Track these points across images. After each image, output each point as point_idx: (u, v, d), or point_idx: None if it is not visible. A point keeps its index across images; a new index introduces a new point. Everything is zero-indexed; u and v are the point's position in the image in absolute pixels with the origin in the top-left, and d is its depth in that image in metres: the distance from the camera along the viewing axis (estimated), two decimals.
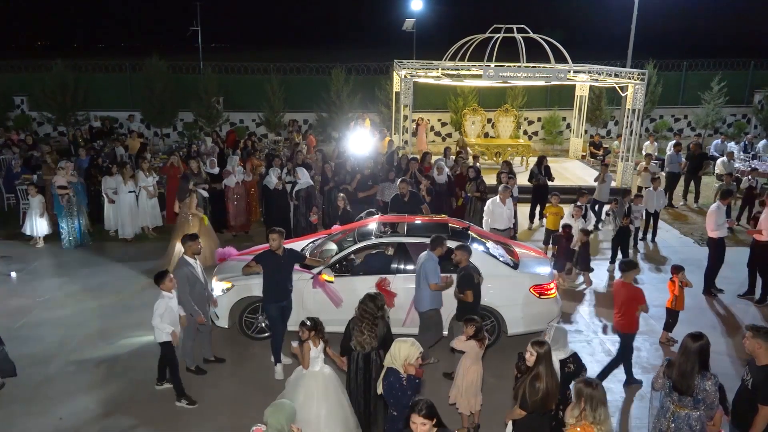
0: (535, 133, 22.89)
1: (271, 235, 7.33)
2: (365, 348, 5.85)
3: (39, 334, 8.50)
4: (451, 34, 20.97)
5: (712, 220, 9.85)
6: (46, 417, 6.68)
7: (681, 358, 5.11)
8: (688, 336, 5.19)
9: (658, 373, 5.37)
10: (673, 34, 67.92)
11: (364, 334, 5.84)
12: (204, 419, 6.71)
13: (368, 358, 5.89)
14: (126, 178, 12.10)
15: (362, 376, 5.92)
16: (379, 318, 5.91)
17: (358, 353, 5.89)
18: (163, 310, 6.74)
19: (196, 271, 7.25)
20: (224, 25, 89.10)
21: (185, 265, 7.17)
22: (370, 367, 5.89)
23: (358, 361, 5.92)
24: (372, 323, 5.87)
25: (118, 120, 21.33)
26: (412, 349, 5.17)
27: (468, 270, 7.16)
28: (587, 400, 4.48)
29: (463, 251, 7.25)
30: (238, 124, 22.29)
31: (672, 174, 15.10)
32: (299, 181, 11.71)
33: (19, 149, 15.45)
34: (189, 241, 7.36)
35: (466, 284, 7.08)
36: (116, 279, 10.55)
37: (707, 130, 22.07)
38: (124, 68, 23.12)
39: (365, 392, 5.94)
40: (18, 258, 11.32)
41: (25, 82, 22.00)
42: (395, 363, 5.21)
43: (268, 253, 7.39)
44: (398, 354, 5.18)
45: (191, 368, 7.54)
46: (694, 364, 5.04)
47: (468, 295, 7.06)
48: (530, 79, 16.02)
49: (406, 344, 5.19)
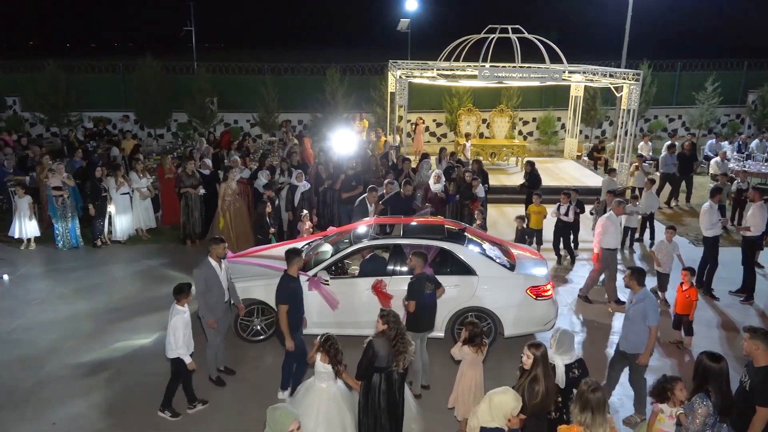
0: (530, 133, 22.91)
1: (291, 259, 6.85)
2: (405, 365, 5.54)
3: (32, 338, 8.40)
4: (446, 34, 20.97)
5: (706, 219, 9.91)
6: (39, 422, 6.60)
7: (723, 385, 4.89)
8: (710, 360, 4.95)
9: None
10: (667, 34, 68.21)
11: (406, 351, 5.50)
12: (198, 424, 6.64)
13: (390, 379, 5.53)
14: (118, 181, 12.00)
15: (386, 399, 5.53)
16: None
17: (382, 376, 5.50)
18: (182, 329, 6.49)
19: (218, 275, 7.06)
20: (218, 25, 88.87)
21: (207, 267, 7.01)
22: (393, 388, 5.56)
23: (380, 384, 5.51)
24: (406, 340, 5.54)
25: (111, 120, 21.20)
26: (512, 403, 4.56)
27: (420, 278, 6.96)
28: (594, 404, 4.42)
29: (417, 258, 7.05)
30: (233, 125, 22.20)
31: (666, 175, 15.12)
32: (299, 184, 11.63)
33: (13, 150, 15.33)
34: (213, 244, 7.17)
35: (412, 293, 6.87)
36: (110, 281, 10.47)
37: (701, 130, 22.14)
38: (118, 68, 22.99)
39: (390, 413, 5.56)
40: (10, 260, 11.21)
41: (17, 82, 21.83)
42: (496, 419, 4.58)
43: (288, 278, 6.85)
44: (499, 409, 4.57)
45: (212, 378, 7.33)
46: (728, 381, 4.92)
47: (410, 305, 6.80)
48: (525, 79, 16.02)
49: (508, 395, 4.59)
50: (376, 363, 5.48)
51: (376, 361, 5.47)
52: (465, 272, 8.01)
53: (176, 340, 6.48)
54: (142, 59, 20.70)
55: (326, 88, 20.64)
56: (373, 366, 5.49)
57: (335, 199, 12.01)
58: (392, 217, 10.06)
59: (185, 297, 6.58)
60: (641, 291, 6.54)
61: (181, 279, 10.28)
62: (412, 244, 8.13)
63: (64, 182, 11.56)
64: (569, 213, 11.03)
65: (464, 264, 8.05)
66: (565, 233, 11.29)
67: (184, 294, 6.58)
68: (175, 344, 6.49)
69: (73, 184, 11.87)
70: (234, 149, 15.31)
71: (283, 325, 6.66)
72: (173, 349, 6.51)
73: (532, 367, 5.05)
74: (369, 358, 5.49)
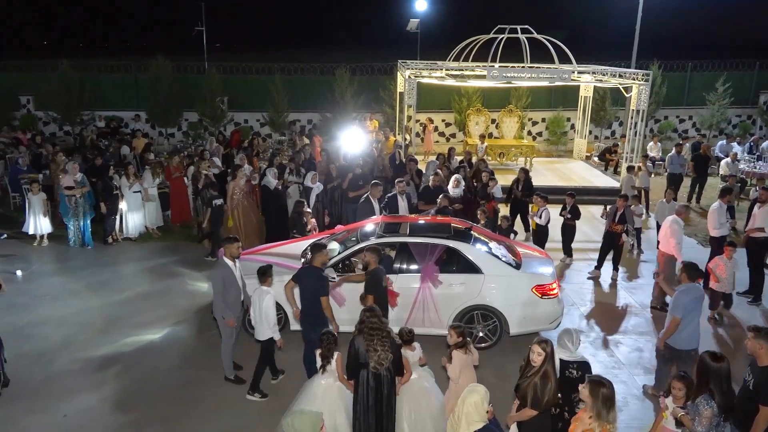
0: (540, 133, 22.88)
1: (317, 252, 7.00)
2: (383, 364, 5.51)
3: (43, 332, 8.55)
4: (455, 34, 20.98)
5: (713, 218, 9.87)
6: (51, 414, 6.72)
7: (723, 385, 4.89)
8: (710, 359, 4.96)
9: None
10: (677, 34, 67.65)
11: (378, 351, 5.50)
12: (206, 418, 6.73)
13: (378, 377, 5.57)
14: (130, 179, 12.15)
15: (374, 396, 5.58)
16: (388, 329, 5.68)
17: (368, 373, 5.56)
18: (273, 308, 6.76)
19: (234, 274, 7.13)
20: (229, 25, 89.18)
21: (223, 267, 7.06)
22: (381, 386, 5.60)
23: (368, 381, 5.57)
24: (382, 336, 5.54)
25: (123, 120, 21.42)
26: (485, 396, 4.69)
27: (376, 272, 7.04)
28: (603, 400, 4.45)
29: (371, 253, 7.14)
30: (243, 124, 22.36)
31: (673, 175, 15.05)
32: (312, 185, 11.78)
33: (27, 148, 15.55)
34: (228, 243, 7.23)
35: (369, 288, 6.92)
36: (120, 278, 10.62)
37: (712, 131, 22.01)
38: (130, 68, 23.24)
39: (377, 411, 5.61)
40: (23, 256, 11.39)
41: (31, 81, 22.14)
42: (479, 413, 4.65)
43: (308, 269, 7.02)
44: (481, 406, 4.66)
45: (230, 377, 7.38)
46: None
47: (369, 299, 6.80)
48: (534, 79, 16.01)
49: (478, 395, 4.67)
50: (361, 359, 5.56)
51: (360, 358, 5.56)
52: (471, 270, 8.06)
53: (269, 320, 6.71)
54: (154, 59, 20.94)
55: (335, 88, 20.74)
56: (358, 363, 5.58)
57: (343, 197, 12.11)
58: (399, 215, 10.12)
59: (269, 277, 6.82)
60: (685, 284, 6.65)
61: (191, 276, 10.55)
62: (419, 243, 8.20)
63: (76, 181, 11.70)
64: (542, 216, 10.81)
65: (470, 262, 8.09)
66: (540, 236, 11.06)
67: (268, 275, 6.82)
68: (268, 325, 6.71)
69: (89, 189, 11.93)
70: (242, 148, 15.44)
71: (327, 312, 6.81)
72: (264, 330, 6.75)
73: (543, 363, 5.05)
74: (351, 355, 5.63)
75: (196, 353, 8.08)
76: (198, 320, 8.98)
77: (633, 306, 9.74)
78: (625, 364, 7.98)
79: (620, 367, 7.91)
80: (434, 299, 7.99)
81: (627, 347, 8.43)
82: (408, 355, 5.92)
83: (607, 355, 8.22)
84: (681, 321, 6.49)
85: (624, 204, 10.47)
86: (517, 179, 12.44)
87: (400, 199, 10.92)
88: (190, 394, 7.11)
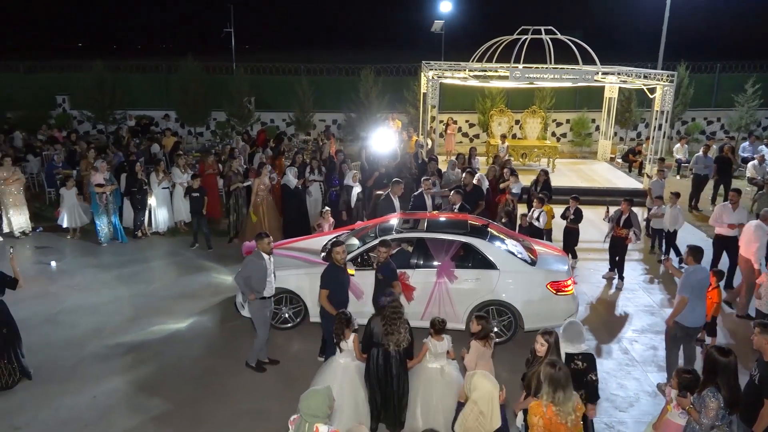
0: (564, 134, 22.82)
1: (336, 248, 7.29)
2: (402, 345, 5.96)
3: (75, 320, 8.95)
4: (479, 35, 21.01)
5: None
6: (81, 395, 7.08)
7: (731, 379, 4.91)
8: (718, 353, 4.99)
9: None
10: (706, 35, 66.32)
11: (401, 333, 5.95)
12: (226, 404, 7.01)
13: (388, 355, 6.00)
14: (159, 176, 12.55)
15: (382, 372, 6.03)
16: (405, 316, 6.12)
17: (379, 351, 6.02)
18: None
19: (268, 267, 7.47)
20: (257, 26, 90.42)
21: (259, 258, 7.42)
22: (390, 364, 6.01)
23: (378, 358, 6.02)
24: (403, 320, 6.02)
25: (153, 119, 22.02)
26: (495, 383, 4.86)
27: (389, 265, 7.42)
28: (550, 381, 4.63)
29: (383, 246, 7.47)
30: (269, 124, 22.77)
31: (698, 176, 14.93)
32: (353, 185, 12.11)
33: (62, 145, 16.13)
34: (259, 239, 7.55)
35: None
36: (149, 270, 11.02)
37: (741, 133, 21.68)
38: (160, 69, 23.88)
39: (383, 387, 6.06)
40: (57, 249, 11.88)
41: (66, 82, 22.93)
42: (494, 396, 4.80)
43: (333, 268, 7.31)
44: (493, 390, 4.79)
45: (251, 364, 7.69)
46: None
47: (396, 287, 7.18)
48: (557, 80, 16.03)
49: (484, 377, 4.85)
50: (375, 339, 6.07)
51: (374, 337, 6.07)
52: (486, 266, 8.20)
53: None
54: (184, 60, 21.48)
55: (360, 89, 21.00)
56: (371, 341, 6.09)
57: (368, 195, 12.34)
58: (417, 212, 10.30)
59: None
60: (692, 266, 7.03)
61: (217, 270, 10.89)
62: (436, 239, 8.37)
63: (105, 180, 12.07)
64: (540, 218, 10.76)
65: (486, 258, 8.23)
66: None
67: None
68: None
69: (116, 186, 12.29)
70: (269, 148, 15.76)
71: (326, 305, 7.12)
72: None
73: (547, 353, 5.21)
74: (366, 334, 6.14)
75: (220, 342, 8.39)
76: (222, 311, 9.30)
77: (650, 306, 9.76)
78: (639, 361, 8.05)
79: (633, 364, 7.98)
80: (450, 294, 8.15)
81: (642, 345, 8.48)
82: (436, 346, 6.10)
83: (621, 353, 8.28)
84: (689, 301, 6.88)
85: (628, 208, 10.32)
86: (536, 180, 12.51)
87: (426, 198, 11.08)
88: (213, 381, 7.41)
